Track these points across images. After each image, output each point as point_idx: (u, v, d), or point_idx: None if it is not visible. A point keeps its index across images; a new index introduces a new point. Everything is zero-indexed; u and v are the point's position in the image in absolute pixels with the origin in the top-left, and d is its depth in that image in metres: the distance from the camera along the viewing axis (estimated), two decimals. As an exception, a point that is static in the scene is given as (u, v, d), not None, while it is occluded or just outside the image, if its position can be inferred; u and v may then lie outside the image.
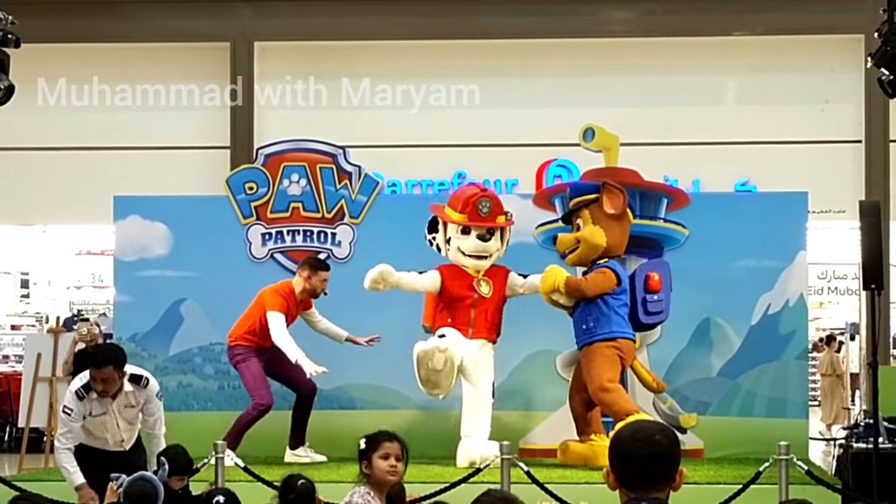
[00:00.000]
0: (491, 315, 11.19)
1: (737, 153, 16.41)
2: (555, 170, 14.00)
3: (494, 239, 11.26)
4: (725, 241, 12.21)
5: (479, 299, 11.14)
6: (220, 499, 6.96)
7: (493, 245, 11.25)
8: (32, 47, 11.99)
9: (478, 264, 11.22)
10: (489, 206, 11.20)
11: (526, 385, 12.17)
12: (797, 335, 12.25)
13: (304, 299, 11.54)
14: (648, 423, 4.06)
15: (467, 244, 11.20)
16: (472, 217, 11.16)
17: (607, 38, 16.97)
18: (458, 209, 11.22)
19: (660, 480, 3.95)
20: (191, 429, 8.96)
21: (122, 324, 12.73)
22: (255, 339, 11.41)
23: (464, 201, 11.21)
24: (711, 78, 16.88)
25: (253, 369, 11.41)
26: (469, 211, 11.16)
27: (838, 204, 16.09)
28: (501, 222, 11.27)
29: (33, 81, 16.21)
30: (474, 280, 11.15)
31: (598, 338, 10.88)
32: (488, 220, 11.19)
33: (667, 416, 11.92)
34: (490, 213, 11.20)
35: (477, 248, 11.19)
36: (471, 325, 11.12)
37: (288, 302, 11.40)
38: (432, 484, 9.27)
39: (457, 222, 11.20)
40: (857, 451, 11.24)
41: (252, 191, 12.49)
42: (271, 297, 11.37)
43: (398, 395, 12.12)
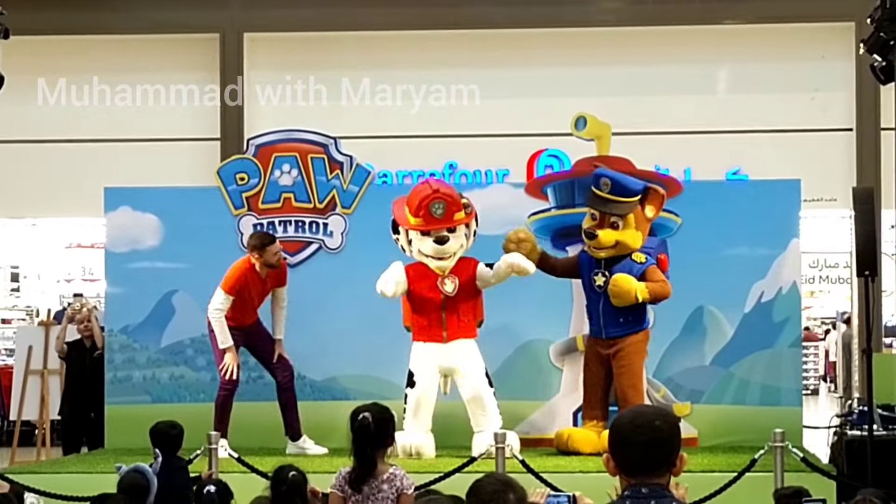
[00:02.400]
0: (464, 314, 11.06)
1: (728, 141, 16.39)
2: (546, 159, 13.93)
3: (455, 237, 11.02)
4: (718, 229, 12.18)
5: (447, 299, 10.99)
6: (211, 488, 6.97)
7: (452, 245, 10.99)
8: (21, 39, 11.94)
9: (440, 265, 11.04)
10: (443, 207, 10.92)
11: (519, 374, 12.13)
12: (790, 323, 12.24)
13: (270, 273, 11.52)
14: (648, 408, 4.05)
15: (427, 247, 11.01)
16: (426, 220, 10.94)
17: (598, 27, 16.94)
18: (412, 211, 11.02)
19: (660, 466, 3.93)
20: (183, 420, 8.93)
21: (114, 315, 12.69)
22: (231, 315, 11.42)
23: (416, 205, 10.97)
24: (703, 66, 16.86)
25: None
26: (423, 215, 10.94)
27: (830, 192, 16.10)
28: (460, 219, 11.01)
29: (21, 74, 16.14)
30: (437, 279, 11.00)
31: (634, 331, 11.01)
32: (443, 221, 10.94)
33: (660, 405, 11.89)
34: (445, 213, 10.92)
35: (436, 251, 10.99)
36: (444, 327, 11.02)
37: (247, 278, 11.41)
38: (426, 474, 9.25)
39: (412, 228, 11.03)
40: (852, 438, 11.22)
41: (243, 181, 12.44)
42: (230, 274, 11.43)
43: (390, 386, 12.07)
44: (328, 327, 12.16)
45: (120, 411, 12.41)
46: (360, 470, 6.48)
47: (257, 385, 12.05)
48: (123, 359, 12.50)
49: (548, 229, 12.17)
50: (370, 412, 6.54)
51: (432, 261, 11.06)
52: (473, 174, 15.40)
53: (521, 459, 9.66)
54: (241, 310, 11.46)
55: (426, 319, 11.07)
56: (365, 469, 6.47)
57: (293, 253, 12.31)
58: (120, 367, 12.51)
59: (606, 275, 11.09)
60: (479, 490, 5.06)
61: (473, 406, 11.05)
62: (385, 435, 6.55)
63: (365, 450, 6.48)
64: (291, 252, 12.26)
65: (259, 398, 11.96)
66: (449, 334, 11.03)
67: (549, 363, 12.18)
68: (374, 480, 6.46)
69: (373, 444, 6.49)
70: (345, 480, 6.51)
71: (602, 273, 11.15)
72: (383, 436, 6.54)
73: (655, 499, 3.90)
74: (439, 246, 10.96)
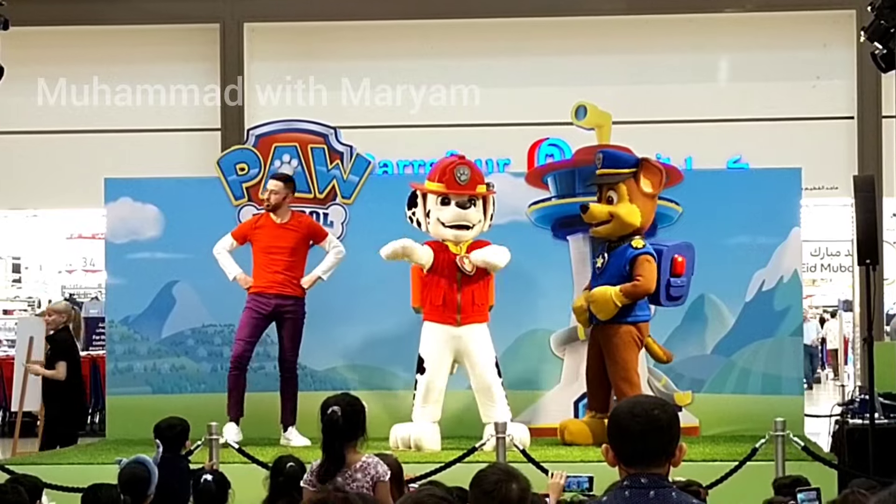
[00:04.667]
0: (478, 296, 10.97)
1: (729, 130, 16.36)
2: (546, 149, 13.90)
3: (475, 209, 10.97)
4: (719, 217, 12.17)
5: (464, 279, 10.87)
6: (208, 477, 6.98)
7: (473, 214, 10.94)
8: (20, 30, 11.93)
9: (459, 235, 10.93)
10: (468, 174, 10.93)
11: (520, 364, 12.11)
12: (792, 311, 12.23)
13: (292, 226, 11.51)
14: (647, 398, 4.03)
15: (447, 214, 10.90)
16: (449, 185, 10.90)
17: (598, 15, 16.90)
18: (435, 179, 10.99)
19: (659, 456, 3.92)
20: (184, 411, 8.94)
21: (115, 306, 12.69)
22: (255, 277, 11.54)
23: (441, 170, 10.98)
24: (703, 55, 16.82)
25: (242, 318, 11.53)
26: (447, 179, 10.90)
27: (831, 180, 16.08)
28: (482, 191, 11.00)
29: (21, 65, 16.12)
30: (457, 257, 10.87)
31: (623, 321, 10.92)
32: (467, 187, 10.93)
33: (661, 394, 11.87)
34: (469, 180, 10.92)
35: (457, 217, 10.88)
36: (458, 310, 10.92)
37: (255, 223, 11.55)
38: (428, 464, 9.25)
39: (434, 191, 10.93)
40: (853, 427, 11.21)
41: (243, 172, 12.42)
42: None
43: (391, 376, 12.09)
44: (328, 317, 12.13)
45: (121, 402, 12.42)
46: (327, 465, 6.35)
47: (258, 375, 12.05)
48: (124, 350, 12.50)
49: (548, 219, 12.16)
50: (339, 405, 6.40)
51: (452, 231, 10.93)
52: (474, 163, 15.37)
53: (522, 449, 9.65)
54: (263, 268, 11.43)
55: (440, 299, 10.92)
56: (333, 465, 6.33)
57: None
58: (121, 357, 12.51)
59: (605, 257, 11.08)
60: (482, 480, 5.06)
61: (482, 396, 10.96)
62: (355, 428, 6.41)
63: (333, 444, 6.36)
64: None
65: (260, 388, 11.96)
66: (463, 317, 10.91)
67: (550, 353, 12.16)
68: (347, 470, 6.34)
69: (342, 438, 6.37)
70: (315, 475, 6.41)
71: (602, 255, 11.14)
72: (353, 429, 6.40)
73: (654, 489, 3.89)
74: (462, 211, 10.88)
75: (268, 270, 11.44)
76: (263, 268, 11.47)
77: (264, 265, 11.46)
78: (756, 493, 7.77)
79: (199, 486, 7.01)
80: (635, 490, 3.90)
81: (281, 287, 11.44)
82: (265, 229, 11.50)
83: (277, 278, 11.45)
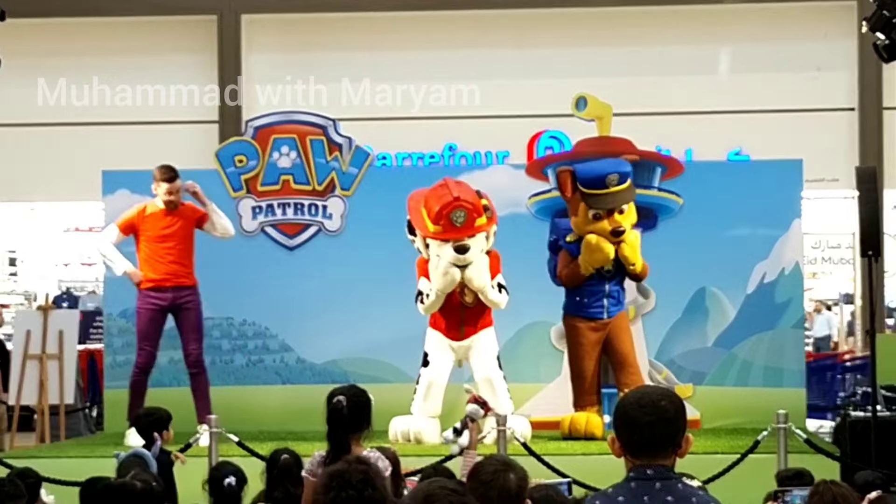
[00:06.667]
0: (482, 312, 10.90)
1: (730, 122, 16.35)
2: (546, 141, 13.90)
3: (475, 242, 10.64)
4: (720, 210, 12.12)
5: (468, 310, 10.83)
6: (231, 480, 6.87)
7: (472, 252, 10.63)
8: (17, 22, 11.86)
9: (461, 259, 10.67)
10: (464, 217, 10.52)
11: (520, 357, 12.06)
12: (793, 304, 12.19)
13: (183, 213, 11.23)
14: (654, 389, 3.99)
15: (445, 253, 10.64)
16: (446, 229, 10.58)
17: (599, 7, 16.86)
18: (432, 218, 10.65)
19: (665, 447, 3.89)
20: (181, 404, 8.89)
21: (113, 299, 12.63)
22: (145, 271, 11.17)
23: (437, 212, 10.58)
24: (704, 46, 16.81)
25: (140, 320, 11.22)
26: (443, 223, 10.58)
27: (832, 172, 16.06)
28: (481, 225, 10.67)
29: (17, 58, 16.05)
30: (456, 291, 10.72)
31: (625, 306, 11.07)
32: (464, 229, 10.57)
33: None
34: (466, 220, 10.55)
35: (456, 259, 10.60)
36: (461, 330, 10.88)
37: (141, 215, 11.18)
38: (427, 457, 9.19)
39: (431, 237, 10.68)
40: (855, 419, 11.16)
41: (242, 164, 12.36)
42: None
43: (391, 369, 12.04)
44: (327, 310, 12.09)
45: (119, 395, 12.33)
46: (333, 455, 6.24)
47: (257, 369, 12.01)
48: (122, 343, 12.43)
49: (548, 210, 12.10)
50: (345, 395, 6.35)
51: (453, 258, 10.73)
52: (473, 156, 15.36)
53: (523, 442, 9.60)
54: (155, 260, 11.12)
55: (444, 317, 10.89)
56: (339, 454, 6.19)
57: (292, 235, 12.24)
58: (119, 351, 12.45)
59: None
60: (480, 471, 5.03)
61: (485, 388, 10.93)
62: (360, 419, 6.34)
63: (338, 434, 6.30)
64: (290, 234, 12.19)
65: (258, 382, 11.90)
66: (466, 332, 10.91)
67: (550, 346, 12.11)
68: None
69: (347, 428, 6.30)
70: (318, 465, 6.35)
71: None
72: (358, 420, 6.33)
73: (660, 480, 3.85)
74: (460, 255, 10.59)
75: (161, 261, 11.16)
76: (156, 259, 11.17)
77: (157, 256, 11.16)
78: (758, 486, 7.71)
79: (224, 489, 6.88)
80: (641, 482, 3.86)
81: (176, 278, 11.19)
82: (154, 218, 11.20)
83: (172, 269, 11.20)
